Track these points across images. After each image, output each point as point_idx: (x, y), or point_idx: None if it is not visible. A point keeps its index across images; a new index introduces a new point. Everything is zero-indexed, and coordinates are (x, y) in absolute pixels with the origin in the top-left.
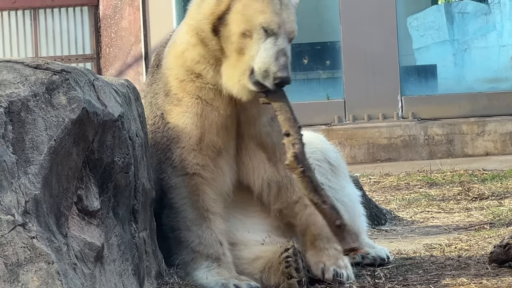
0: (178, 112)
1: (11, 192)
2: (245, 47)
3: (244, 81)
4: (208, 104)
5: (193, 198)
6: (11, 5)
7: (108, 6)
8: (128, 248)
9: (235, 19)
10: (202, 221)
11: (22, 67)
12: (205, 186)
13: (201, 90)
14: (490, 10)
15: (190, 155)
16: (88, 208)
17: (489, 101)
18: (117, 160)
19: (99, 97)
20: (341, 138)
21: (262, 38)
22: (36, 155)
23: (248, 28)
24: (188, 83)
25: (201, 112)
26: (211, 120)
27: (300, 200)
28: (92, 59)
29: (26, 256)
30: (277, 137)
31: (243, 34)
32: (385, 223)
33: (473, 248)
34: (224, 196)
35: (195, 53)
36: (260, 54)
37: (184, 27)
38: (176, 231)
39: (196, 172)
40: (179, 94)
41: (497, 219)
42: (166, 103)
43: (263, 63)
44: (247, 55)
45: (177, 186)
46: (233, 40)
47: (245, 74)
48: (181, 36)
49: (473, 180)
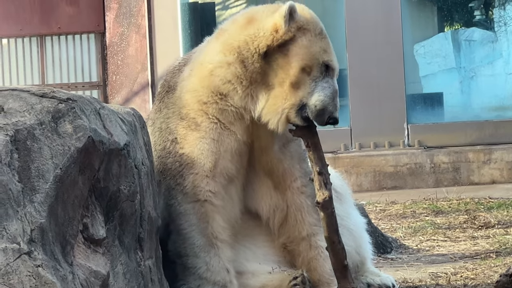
0: (195, 137)
1: (16, 220)
2: (301, 82)
3: (291, 114)
4: (226, 128)
5: (202, 225)
6: (18, 32)
7: (115, 33)
8: (133, 276)
9: (299, 52)
10: (210, 248)
11: (28, 95)
12: (215, 213)
13: (223, 112)
14: (497, 38)
15: (203, 182)
16: (93, 236)
17: (495, 129)
18: (122, 188)
19: (105, 125)
20: (347, 166)
21: (320, 77)
22: (42, 183)
23: (310, 64)
24: (211, 105)
25: (218, 137)
26: (226, 145)
27: (307, 238)
28: (98, 87)
29: (32, 285)
30: (289, 164)
31: (303, 68)
32: (391, 251)
33: (479, 277)
34: (232, 223)
35: (228, 72)
36: (317, 92)
37: (216, 48)
38: (184, 257)
39: (207, 199)
40: (198, 119)
41: (503, 247)
42: (181, 128)
43: (322, 101)
44: (301, 90)
45: (186, 212)
46: (291, 72)
47: (293, 107)
48: (212, 57)
49: (479, 208)
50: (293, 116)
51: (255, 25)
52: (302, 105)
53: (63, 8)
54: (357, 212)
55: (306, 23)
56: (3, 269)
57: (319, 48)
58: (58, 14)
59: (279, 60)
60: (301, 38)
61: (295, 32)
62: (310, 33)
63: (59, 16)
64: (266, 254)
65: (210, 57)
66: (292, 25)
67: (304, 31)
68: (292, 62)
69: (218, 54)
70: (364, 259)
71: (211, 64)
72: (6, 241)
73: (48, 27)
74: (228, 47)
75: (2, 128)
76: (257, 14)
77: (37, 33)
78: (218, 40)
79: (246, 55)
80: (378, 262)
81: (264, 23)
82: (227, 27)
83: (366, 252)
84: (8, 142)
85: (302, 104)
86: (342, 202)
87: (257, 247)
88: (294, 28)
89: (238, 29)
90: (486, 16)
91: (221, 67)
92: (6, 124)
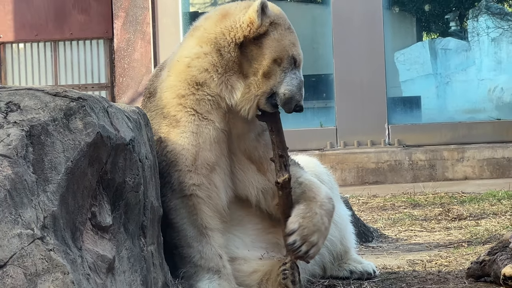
0: (176, 134)
1: (31, 208)
2: (272, 72)
3: (261, 101)
4: (204, 118)
5: (192, 218)
6: (34, 38)
7: (122, 39)
8: (137, 260)
9: (271, 45)
10: (202, 237)
11: (42, 94)
12: (202, 205)
13: (200, 103)
14: (470, 47)
15: (186, 177)
16: (101, 223)
17: (468, 130)
18: (128, 180)
19: (112, 122)
20: (333, 163)
21: (289, 68)
22: (54, 175)
23: (281, 56)
24: (188, 97)
25: (196, 129)
26: (205, 136)
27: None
28: (106, 88)
29: (44, 267)
30: (263, 151)
31: (274, 60)
32: (372, 240)
33: (452, 264)
34: (220, 212)
35: (205, 61)
36: (286, 82)
37: (192, 42)
38: (179, 248)
39: (192, 193)
40: (177, 114)
41: (474, 237)
42: (164, 126)
43: (290, 91)
44: (272, 79)
45: (176, 207)
46: (264, 63)
47: (264, 95)
48: (188, 51)
49: (453, 202)
50: (263, 103)
51: (231, 19)
52: (272, 93)
53: (75, 16)
54: (343, 205)
55: (277, 18)
56: (18, 252)
57: (288, 42)
58: (70, 22)
59: (253, 52)
60: (273, 32)
61: (268, 26)
62: (281, 27)
63: (71, 23)
64: (254, 241)
65: (186, 51)
66: (265, 19)
67: (276, 26)
68: (265, 54)
69: (195, 47)
70: (348, 248)
71: (187, 58)
72: (21, 227)
73: (61, 33)
74: (204, 39)
75: (18, 124)
76: (230, 9)
77: (51, 39)
78: (192, 36)
79: (223, 44)
80: (360, 250)
81: (240, 16)
82: (201, 24)
83: (349, 242)
84: (23, 137)
85: (272, 92)
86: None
87: (246, 235)
88: (267, 22)
89: (213, 23)
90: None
91: (198, 57)
92: (22, 120)
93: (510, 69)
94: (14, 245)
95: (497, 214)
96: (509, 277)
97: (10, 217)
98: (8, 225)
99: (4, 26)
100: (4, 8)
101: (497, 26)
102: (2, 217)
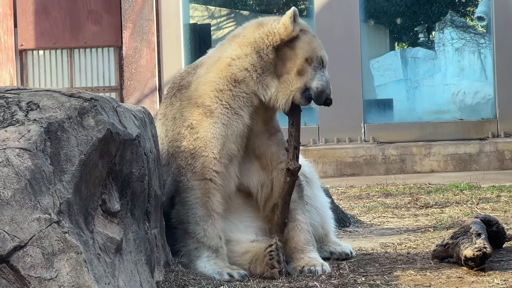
0: (208, 123)
1: (48, 195)
2: (304, 70)
3: (297, 95)
4: (236, 113)
5: (205, 199)
6: (52, 45)
7: (130, 47)
8: (142, 242)
9: (303, 46)
10: (209, 218)
11: (59, 95)
12: (216, 190)
13: (235, 98)
14: (437, 55)
15: (211, 163)
16: (110, 209)
17: (434, 128)
18: (134, 171)
19: (121, 120)
20: (315, 157)
21: (318, 67)
22: (69, 166)
23: (311, 56)
24: (226, 92)
25: (227, 122)
26: (233, 129)
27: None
28: (116, 90)
29: (60, 248)
30: (276, 149)
31: (306, 59)
32: (349, 225)
33: (420, 246)
34: (226, 199)
35: (245, 61)
36: (317, 78)
37: (233, 46)
38: (185, 224)
39: (212, 179)
40: (212, 106)
41: (439, 223)
42: (197, 114)
43: (322, 85)
44: (305, 76)
45: (193, 188)
46: (297, 62)
47: (299, 90)
48: (230, 52)
49: (421, 192)
50: (298, 97)
51: (267, 26)
52: (305, 88)
53: (88, 27)
54: (323, 194)
55: (304, 26)
56: (37, 234)
57: (317, 44)
58: (84, 31)
59: (287, 53)
60: (303, 36)
61: (299, 32)
62: (309, 33)
63: (85, 33)
64: (247, 227)
65: (228, 53)
66: (296, 26)
67: (304, 32)
68: (298, 54)
69: (236, 49)
70: (328, 232)
71: (229, 58)
72: (40, 212)
73: (76, 41)
74: (245, 43)
75: (38, 121)
76: (264, 21)
77: (67, 46)
78: (232, 41)
79: (262, 46)
80: (339, 233)
81: (274, 24)
82: (239, 32)
83: (329, 226)
84: (42, 133)
85: (306, 88)
86: (310, 186)
87: (240, 221)
88: (298, 28)
89: (252, 30)
90: (428, 38)
91: (239, 58)
92: (41, 118)
93: (471, 75)
94: (33, 228)
95: (460, 203)
96: (470, 258)
97: (30, 203)
98: (28, 210)
99: (26, 35)
100: (26, 19)
101: (461, 38)
102: (23, 203)
